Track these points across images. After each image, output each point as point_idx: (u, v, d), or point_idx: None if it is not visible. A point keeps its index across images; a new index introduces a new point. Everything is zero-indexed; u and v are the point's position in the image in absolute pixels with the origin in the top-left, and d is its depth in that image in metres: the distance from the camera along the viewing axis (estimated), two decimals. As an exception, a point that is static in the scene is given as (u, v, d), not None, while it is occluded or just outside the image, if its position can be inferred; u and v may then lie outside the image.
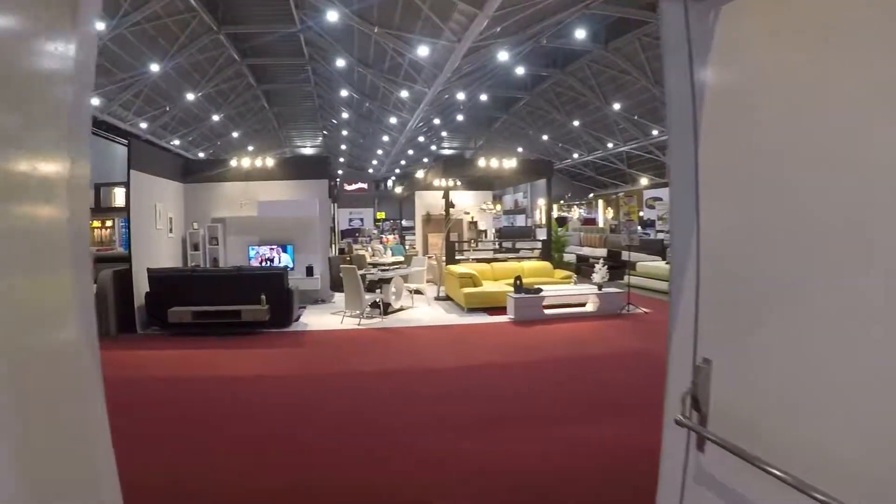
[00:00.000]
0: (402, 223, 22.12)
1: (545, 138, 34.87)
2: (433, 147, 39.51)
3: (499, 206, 31.14)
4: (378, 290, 9.04)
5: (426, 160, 34.27)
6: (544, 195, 40.16)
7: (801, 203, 1.09)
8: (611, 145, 32.34)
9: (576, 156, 36.41)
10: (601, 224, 32.55)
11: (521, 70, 25.36)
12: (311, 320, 8.71)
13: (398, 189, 25.00)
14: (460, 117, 32.75)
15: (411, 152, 39.99)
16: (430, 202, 14.78)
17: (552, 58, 26.09)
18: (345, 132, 37.19)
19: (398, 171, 44.59)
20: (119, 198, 12.73)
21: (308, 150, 42.06)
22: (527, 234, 20.98)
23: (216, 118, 28.43)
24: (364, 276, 8.99)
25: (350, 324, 8.37)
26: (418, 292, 10.42)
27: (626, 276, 12.22)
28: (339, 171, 43.52)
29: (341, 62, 21.91)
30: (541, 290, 8.91)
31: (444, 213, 11.69)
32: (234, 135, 32.15)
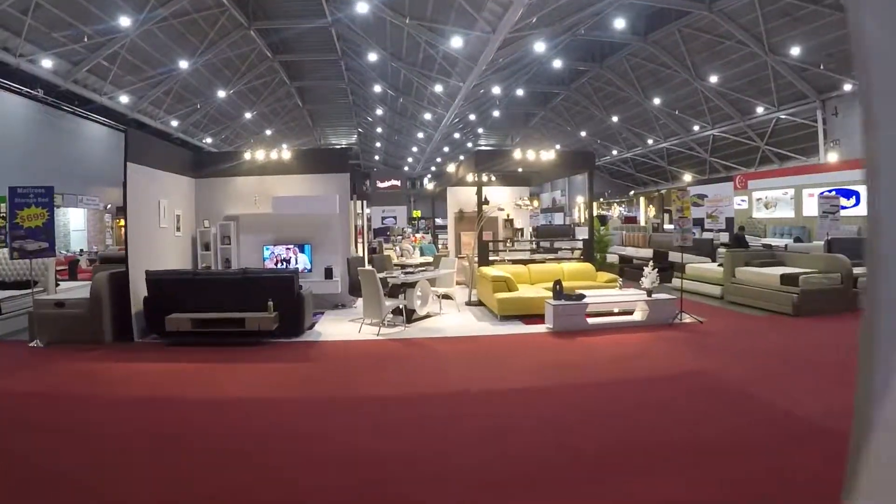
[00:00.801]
0: (435, 221, 21.25)
1: (583, 135, 33.77)
2: (469, 144, 38.75)
3: (536, 203, 29.95)
4: (401, 295, 8.13)
5: (461, 157, 33.52)
6: (582, 193, 39.06)
7: None
8: (650, 142, 31.18)
9: (615, 153, 35.20)
10: (642, 222, 31.08)
11: (558, 64, 24.33)
12: (327, 329, 7.86)
13: (430, 186, 24.18)
14: (496, 113, 31.80)
15: (447, 149, 39.28)
16: (462, 199, 13.80)
17: (590, 51, 25.16)
18: (379, 129, 36.70)
19: (433, 168, 43.94)
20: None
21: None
22: (566, 232, 19.80)
23: (249, 116, 28.26)
24: (385, 279, 8.11)
25: (368, 333, 7.49)
26: (447, 297, 9.47)
27: (677, 280, 11.01)
28: (373, 168, 43.16)
29: (374, 56, 21.28)
30: (583, 296, 7.82)
31: (477, 211, 10.70)
32: (268, 132, 32.04)
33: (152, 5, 15.98)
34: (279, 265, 9.17)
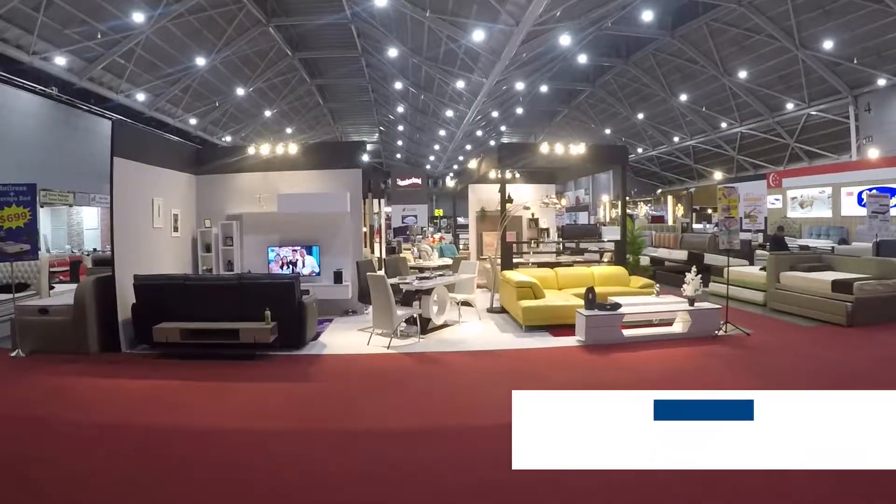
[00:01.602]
0: (456, 220, 20.49)
1: (608, 132, 32.77)
2: (492, 142, 37.90)
3: (564, 201, 28.84)
4: (416, 303, 7.38)
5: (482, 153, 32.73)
6: (607, 191, 37.76)
7: None
8: (676, 139, 30.06)
9: (640, 150, 34.09)
10: (670, 221, 29.82)
11: (583, 59, 23.30)
12: (333, 339, 7.14)
13: (451, 183, 23.42)
14: (520, 110, 30.86)
15: (469, 147, 38.50)
16: (484, 197, 12.95)
17: (615, 47, 24.16)
18: (401, 127, 36.08)
19: (455, 167, 43.22)
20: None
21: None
22: (592, 232, 18.80)
23: (268, 114, 27.84)
24: (397, 285, 7.36)
25: (378, 345, 6.75)
26: (466, 304, 8.68)
27: (714, 285, 10.04)
28: (395, 167, 42.60)
29: (394, 52, 20.59)
30: (619, 305, 6.96)
31: (500, 210, 9.89)
32: (288, 130, 31.63)
33: (167, 1, 15.55)
34: (285, 268, 8.51)
